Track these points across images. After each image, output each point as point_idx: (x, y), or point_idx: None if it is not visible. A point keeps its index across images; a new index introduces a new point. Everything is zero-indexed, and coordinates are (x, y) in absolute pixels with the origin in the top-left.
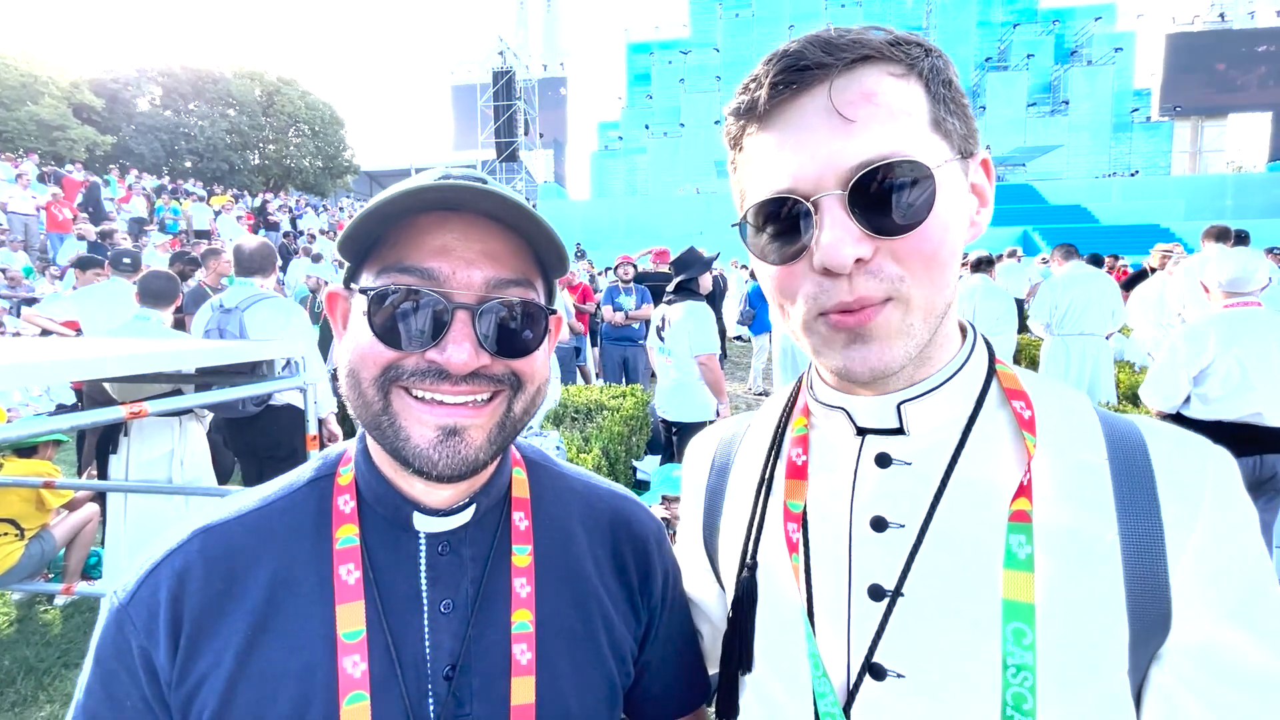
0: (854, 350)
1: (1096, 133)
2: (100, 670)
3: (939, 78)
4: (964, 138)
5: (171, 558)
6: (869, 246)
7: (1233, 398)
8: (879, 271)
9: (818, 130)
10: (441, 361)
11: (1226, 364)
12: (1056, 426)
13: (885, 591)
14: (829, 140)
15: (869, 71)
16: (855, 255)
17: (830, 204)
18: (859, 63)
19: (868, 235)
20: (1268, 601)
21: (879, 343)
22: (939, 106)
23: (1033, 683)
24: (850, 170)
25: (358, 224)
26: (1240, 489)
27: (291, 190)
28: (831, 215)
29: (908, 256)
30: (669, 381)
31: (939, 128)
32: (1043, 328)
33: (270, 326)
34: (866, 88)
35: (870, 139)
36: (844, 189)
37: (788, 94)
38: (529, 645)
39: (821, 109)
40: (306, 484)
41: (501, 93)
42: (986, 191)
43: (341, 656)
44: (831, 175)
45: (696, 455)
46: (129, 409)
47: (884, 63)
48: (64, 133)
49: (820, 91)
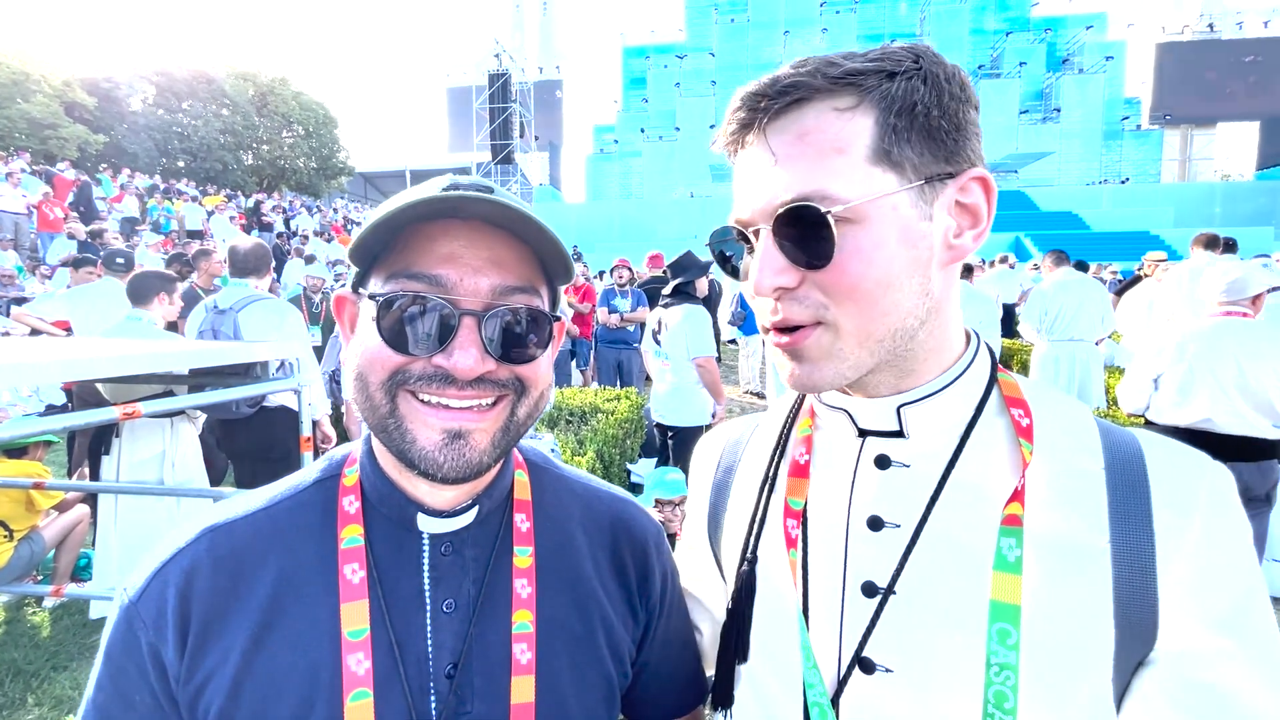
0: (792, 366)
1: (1088, 140)
2: (110, 666)
3: (895, 105)
4: (927, 163)
5: (180, 556)
6: (793, 276)
7: (1183, 404)
8: (804, 298)
9: (759, 165)
10: (448, 366)
11: (1180, 371)
12: (1055, 434)
13: (878, 589)
14: (768, 177)
15: (807, 112)
16: (775, 284)
17: (764, 234)
18: (796, 104)
19: (791, 266)
20: (1255, 618)
21: (809, 363)
22: (889, 136)
23: (1015, 682)
24: (774, 208)
25: (367, 231)
26: (1236, 505)
27: (285, 191)
28: (763, 246)
29: (829, 287)
30: (665, 385)
31: (884, 159)
32: (1033, 333)
33: (264, 327)
34: (804, 127)
35: (794, 178)
36: (768, 223)
37: (739, 134)
38: (529, 645)
39: (762, 148)
40: (312, 484)
41: (497, 95)
42: (980, 209)
43: (346, 654)
44: (763, 209)
45: (705, 453)
46: (123, 410)
47: (826, 98)
48: (55, 131)
49: (759, 133)
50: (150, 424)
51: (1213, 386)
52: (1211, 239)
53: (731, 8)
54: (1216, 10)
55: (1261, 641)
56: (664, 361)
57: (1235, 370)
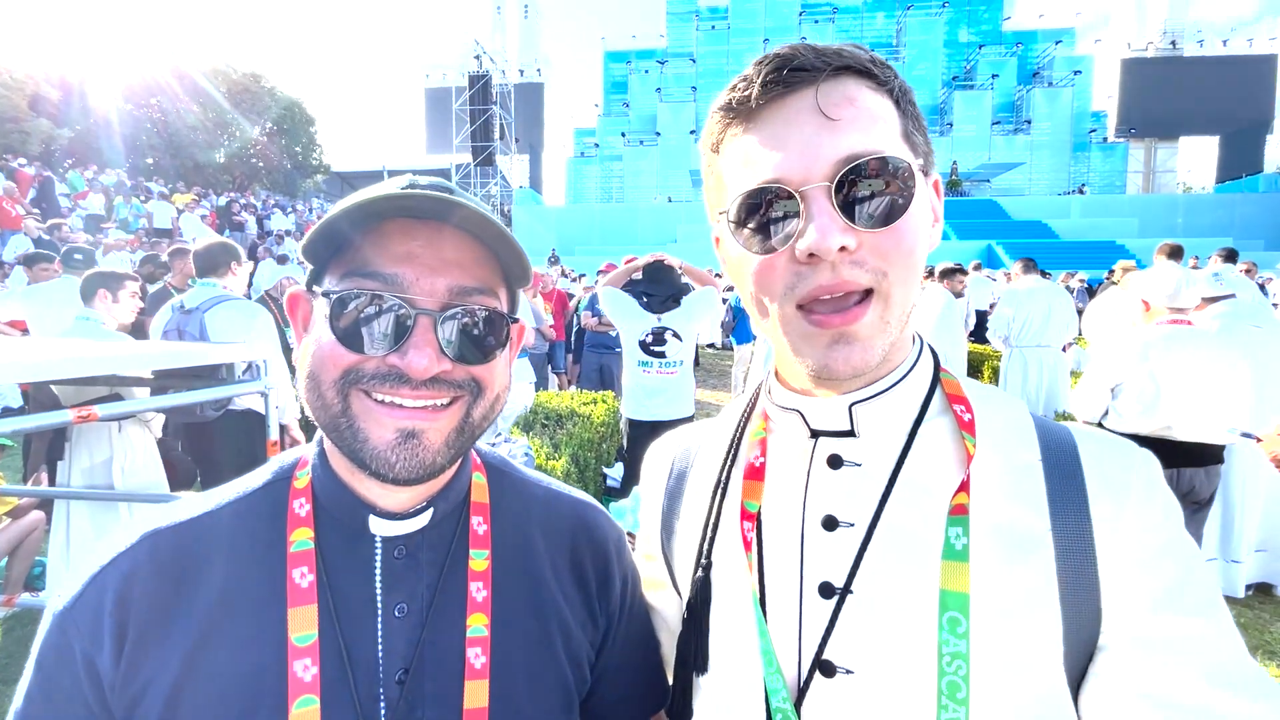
0: (837, 349)
1: (1057, 151)
2: (41, 675)
3: (907, 98)
4: (925, 154)
5: (119, 561)
6: (854, 237)
7: (1145, 413)
8: (864, 262)
9: (804, 127)
10: (402, 366)
11: (1140, 380)
12: (995, 429)
13: (835, 589)
14: (815, 136)
15: (850, 80)
16: (842, 242)
17: (817, 194)
18: (843, 71)
19: (851, 227)
20: (1195, 586)
21: (862, 342)
22: (908, 121)
23: (966, 671)
24: (837, 164)
25: (323, 228)
26: (1164, 487)
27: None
28: (819, 204)
29: (889, 251)
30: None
31: (908, 140)
32: (1000, 340)
33: (232, 328)
34: (849, 93)
35: (855, 137)
36: (830, 181)
37: (777, 92)
38: (484, 649)
39: (808, 109)
40: (261, 487)
41: (477, 97)
42: (938, 209)
43: (292, 660)
44: (818, 167)
45: (657, 460)
46: (76, 413)
47: (863, 75)
48: (17, 125)
49: (808, 93)
50: (97, 428)
51: (1173, 395)
52: (1175, 249)
53: (712, 15)
54: (1179, 28)
55: (1203, 614)
56: (671, 370)
57: (1195, 379)
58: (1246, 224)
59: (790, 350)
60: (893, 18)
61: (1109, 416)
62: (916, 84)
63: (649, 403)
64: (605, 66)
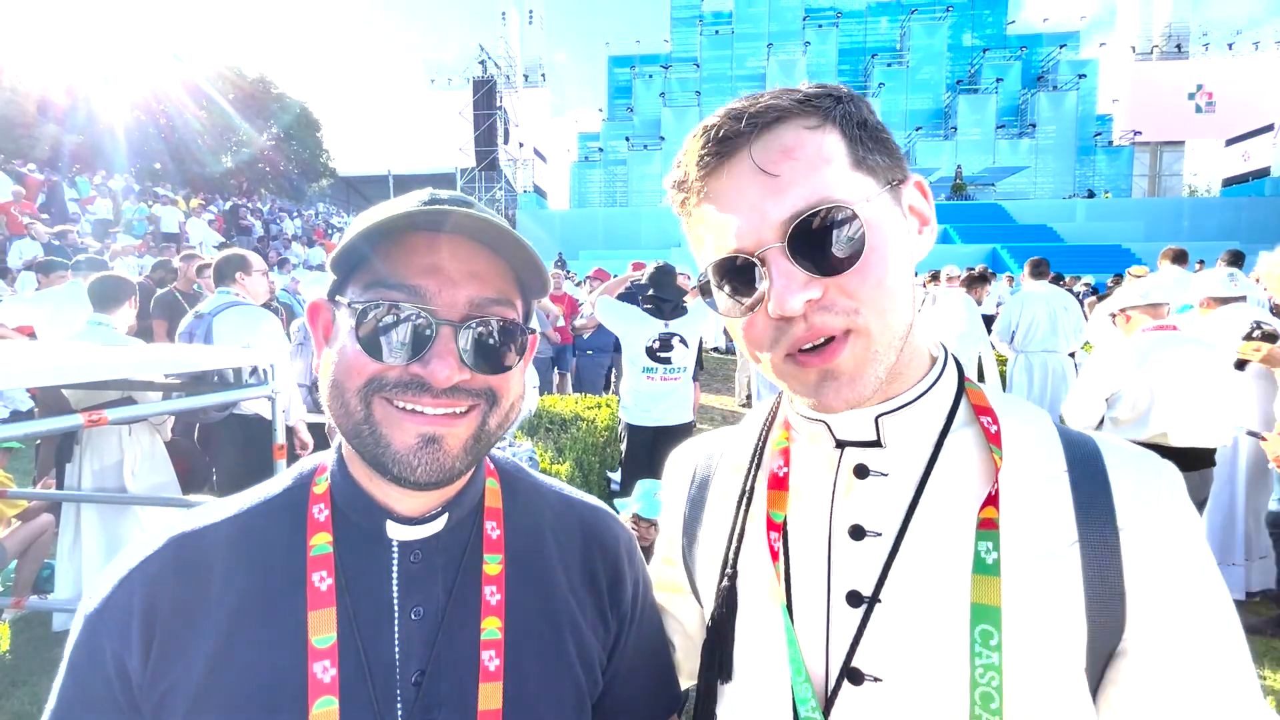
0: (826, 386)
1: (1061, 155)
2: (73, 676)
3: (852, 121)
4: (889, 169)
5: (146, 564)
6: (818, 288)
7: (1141, 421)
8: (833, 306)
9: (747, 192)
10: (425, 375)
11: (1136, 387)
12: (1021, 441)
13: (863, 598)
14: (760, 199)
15: (784, 130)
16: (805, 298)
17: (774, 256)
18: (774, 124)
19: (814, 278)
20: (1215, 599)
21: (848, 376)
22: (858, 147)
23: (999, 682)
24: (784, 224)
25: (354, 242)
26: (1187, 500)
27: (265, 194)
28: (777, 266)
29: (856, 290)
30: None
31: (861, 165)
32: (1004, 344)
33: (238, 333)
34: (785, 144)
35: (797, 191)
36: (782, 240)
37: (714, 164)
38: (498, 652)
39: (747, 171)
40: (282, 493)
41: (482, 101)
42: (925, 211)
43: (312, 662)
44: (769, 229)
45: (679, 468)
46: (87, 416)
47: (797, 119)
48: (28, 130)
49: (743, 156)
50: (106, 431)
51: (1168, 401)
52: (1179, 254)
53: (716, 20)
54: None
55: (1219, 626)
56: (675, 375)
57: (1187, 383)
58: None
59: (788, 391)
60: (896, 22)
61: (1104, 425)
62: (920, 88)
63: (651, 408)
64: (609, 71)
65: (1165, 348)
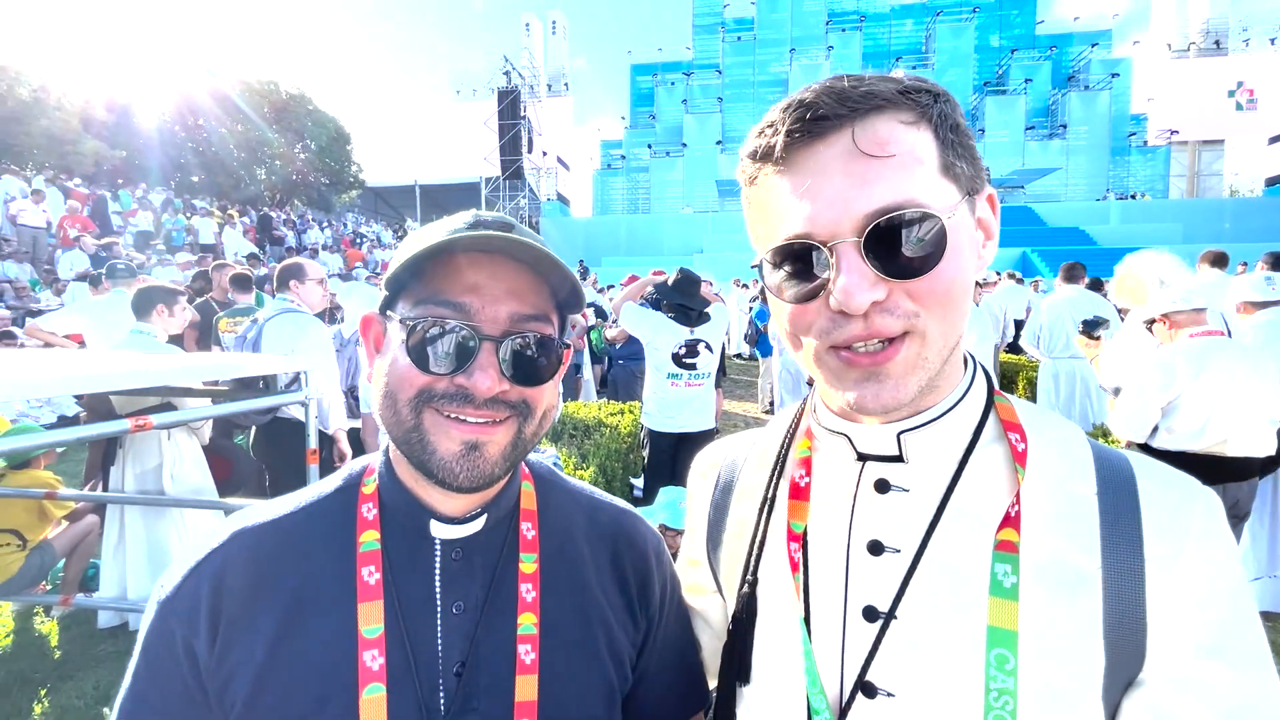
0: (867, 386)
1: (1094, 156)
2: (147, 657)
3: (947, 123)
4: (971, 178)
5: (213, 556)
6: (884, 289)
7: (1200, 430)
8: (895, 309)
9: (833, 178)
10: (469, 386)
11: (1195, 396)
12: (1049, 458)
13: (879, 613)
14: (844, 189)
15: (881, 121)
16: (871, 299)
17: (847, 250)
18: (872, 112)
19: (883, 279)
20: (1245, 638)
21: (894, 380)
22: (948, 151)
23: (1014, 707)
24: (865, 218)
25: (408, 263)
26: (1226, 531)
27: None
28: (848, 261)
29: (923, 295)
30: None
31: (948, 172)
32: (1033, 349)
33: (283, 339)
34: (880, 137)
35: (884, 188)
36: (859, 236)
37: (804, 141)
38: (533, 646)
39: (836, 157)
40: (333, 492)
41: (506, 112)
42: (992, 225)
43: (362, 650)
44: (848, 222)
45: (703, 471)
46: (134, 422)
47: (895, 111)
48: (74, 147)
49: (835, 140)
50: (147, 436)
51: (1230, 409)
52: (1219, 256)
53: (738, 26)
54: (1222, 29)
55: (1248, 666)
56: (699, 381)
57: (1239, 390)
58: None
59: (823, 383)
60: (921, 24)
61: (1157, 435)
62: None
63: (675, 415)
64: (631, 79)
65: (1220, 353)
